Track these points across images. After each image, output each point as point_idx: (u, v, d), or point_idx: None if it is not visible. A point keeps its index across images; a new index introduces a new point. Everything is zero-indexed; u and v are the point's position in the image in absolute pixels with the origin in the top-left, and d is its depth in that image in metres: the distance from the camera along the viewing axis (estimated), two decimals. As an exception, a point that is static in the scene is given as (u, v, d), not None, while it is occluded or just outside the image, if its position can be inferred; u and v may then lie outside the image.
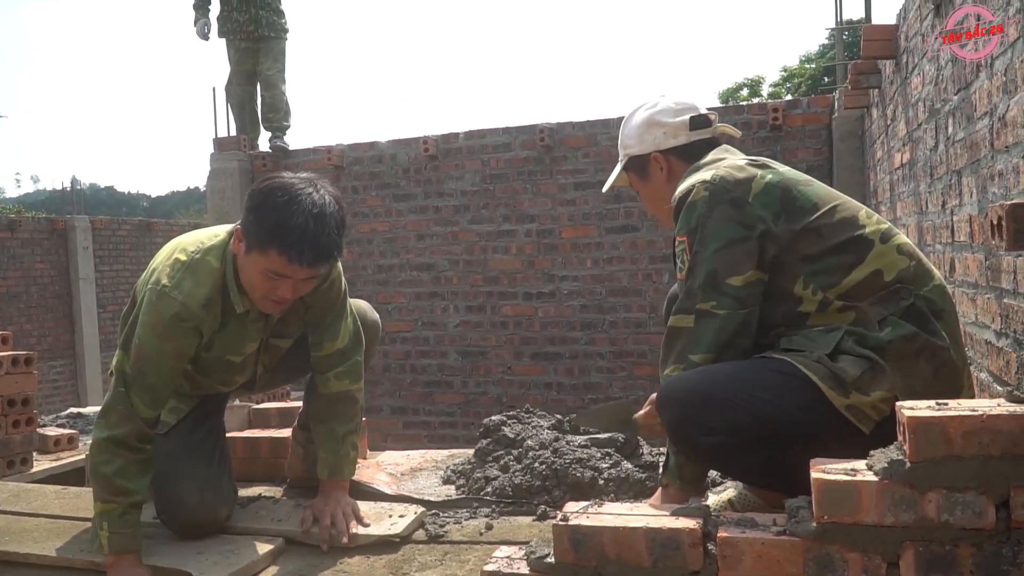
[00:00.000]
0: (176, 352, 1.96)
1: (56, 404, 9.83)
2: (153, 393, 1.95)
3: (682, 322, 1.72)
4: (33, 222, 10.78)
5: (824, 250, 1.64)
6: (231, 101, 7.24)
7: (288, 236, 1.81)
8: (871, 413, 1.55)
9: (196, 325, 1.95)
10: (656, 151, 1.98)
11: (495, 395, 6.24)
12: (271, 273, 1.87)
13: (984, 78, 2.08)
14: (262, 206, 1.85)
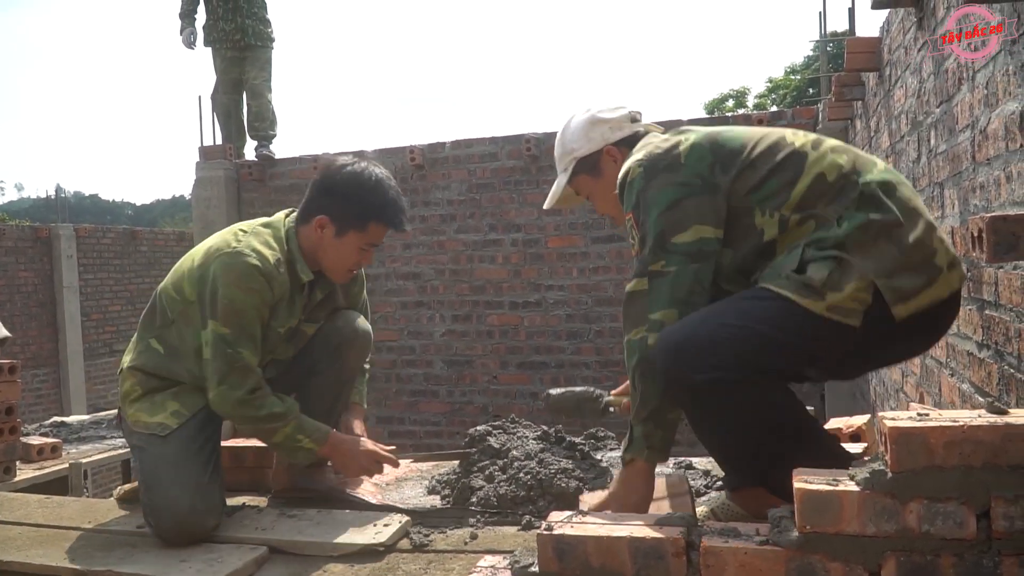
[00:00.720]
0: (261, 303, 2.14)
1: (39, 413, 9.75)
2: (255, 343, 2.15)
3: (637, 286, 1.75)
4: (17, 230, 10.70)
5: (763, 176, 1.70)
6: (217, 110, 7.23)
7: (388, 208, 2.19)
8: (853, 305, 1.56)
9: (269, 281, 2.14)
10: (607, 144, 2.04)
11: (481, 404, 6.23)
12: (367, 246, 2.22)
13: (966, 91, 2.11)
14: (359, 191, 2.18)
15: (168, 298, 2.25)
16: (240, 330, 2.11)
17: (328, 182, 2.21)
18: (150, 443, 2.14)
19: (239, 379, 2.12)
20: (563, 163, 2.10)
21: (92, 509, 2.43)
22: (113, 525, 2.24)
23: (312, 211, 2.22)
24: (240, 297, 2.10)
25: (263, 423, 2.16)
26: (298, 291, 2.26)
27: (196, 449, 2.16)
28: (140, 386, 2.24)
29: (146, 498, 2.09)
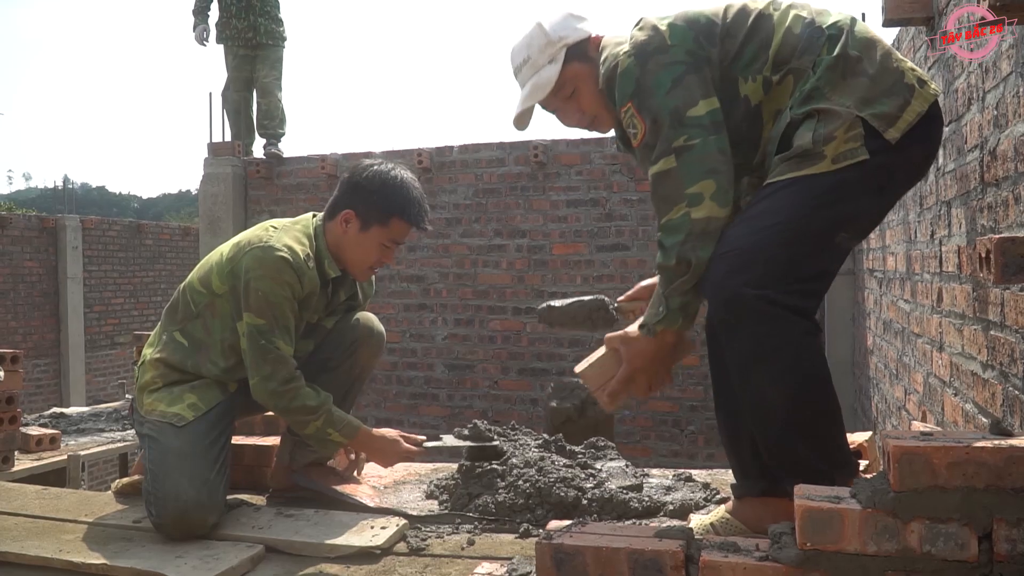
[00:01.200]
0: (293, 295, 2.20)
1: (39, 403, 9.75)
2: (289, 335, 2.21)
3: (665, 166, 1.74)
4: (23, 220, 10.72)
5: (740, 44, 1.76)
6: (227, 107, 7.24)
7: (411, 207, 2.26)
8: (852, 144, 1.63)
9: (300, 274, 2.19)
10: (593, 34, 1.97)
11: (480, 409, 6.23)
12: (389, 242, 2.29)
13: (975, 111, 2.10)
14: (384, 187, 2.25)
15: (193, 292, 2.30)
16: (274, 321, 2.17)
17: (356, 178, 2.29)
18: (164, 432, 2.15)
19: (272, 370, 2.17)
20: (548, 53, 1.94)
21: (89, 502, 2.42)
22: (110, 518, 2.24)
23: (339, 207, 2.29)
24: (273, 289, 2.16)
25: (295, 415, 2.21)
26: (325, 287, 2.33)
27: (208, 444, 2.17)
28: (161, 378, 2.26)
29: (151, 487, 2.09)
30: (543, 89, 1.95)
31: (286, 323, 2.19)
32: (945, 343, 2.45)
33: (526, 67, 1.96)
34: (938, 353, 2.57)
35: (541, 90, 1.95)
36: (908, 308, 3.17)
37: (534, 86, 1.94)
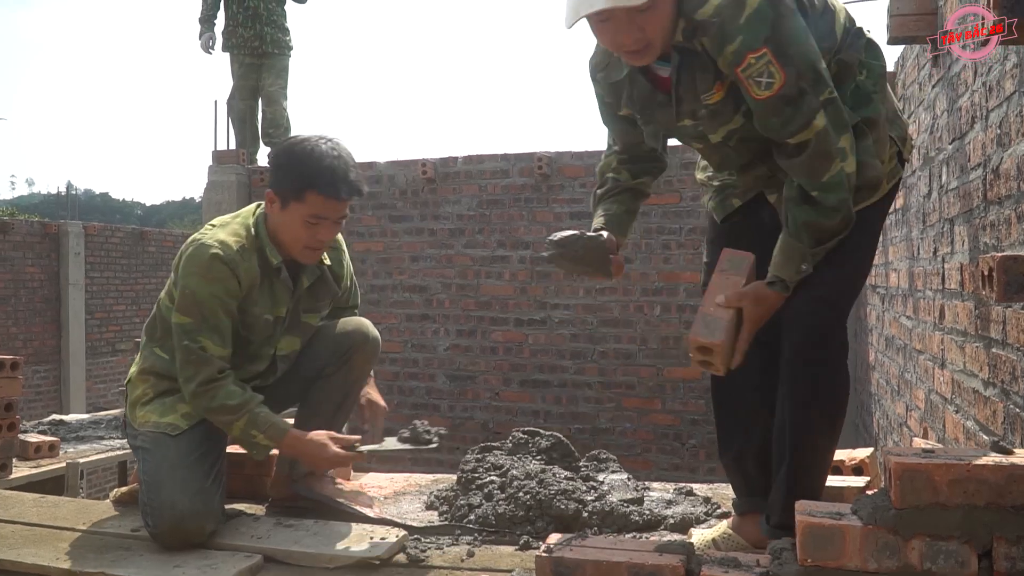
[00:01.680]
0: (225, 292, 2.13)
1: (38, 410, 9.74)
2: (220, 333, 2.13)
3: (821, 120, 1.65)
4: (26, 225, 10.73)
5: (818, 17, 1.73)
6: (232, 115, 7.27)
7: (322, 177, 2.08)
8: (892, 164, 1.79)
9: (233, 269, 2.12)
10: None
11: (481, 421, 6.22)
12: (311, 218, 2.11)
13: (979, 129, 2.11)
14: (291, 160, 2.13)
15: (164, 306, 2.29)
16: (201, 320, 2.11)
17: (272, 156, 2.26)
18: (158, 442, 2.14)
19: (193, 370, 2.12)
20: None
21: (87, 510, 2.42)
22: (108, 527, 2.24)
23: (271, 183, 2.21)
24: (201, 286, 2.11)
25: (217, 415, 2.13)
26: (274, 277, 2.23)
27: (202, 453, 2.16)
28: (152, 389, 2.26)
29: (147, 497, 2.09)
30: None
31: (215, 322, 2.13)
32: (947, 360, 2.45)
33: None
34: (940, 370, 2.57)
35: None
36: (910, 325, 3.17)
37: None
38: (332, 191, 2.09)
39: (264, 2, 6.91)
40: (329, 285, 2.39)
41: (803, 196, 1.69)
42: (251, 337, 2.26)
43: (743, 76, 1.63)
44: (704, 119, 1.78)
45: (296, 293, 2.30)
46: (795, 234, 1.70)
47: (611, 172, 2.06)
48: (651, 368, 5.70)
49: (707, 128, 1.80)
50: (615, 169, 2.06)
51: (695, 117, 1.78)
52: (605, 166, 2.08)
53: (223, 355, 2.14)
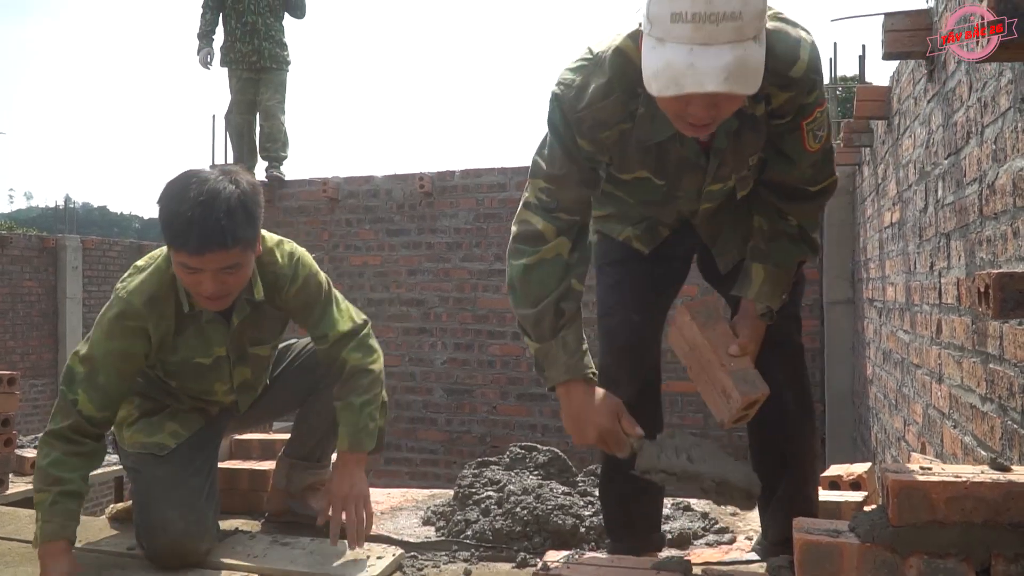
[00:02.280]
0: (123, 352, 1.98)
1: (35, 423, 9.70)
2: (103, 394, 1.98)
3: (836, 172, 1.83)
4: (24, 239, 10.73)
5: None
6: (230, 130, 7.28)
7: (175, 225, 1.83)
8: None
9: (140, 325, 1.97)
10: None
11: (479, 434, 6.20)
12: (185, 268, 1.87)
13: (974, 145, 2.12)
14: (160, 199, 1.88)
15: None
16: (91, 376, 1.96)
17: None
18: (146, 463, 2.12)
19: (52, 421, 1.98)
20: (757, 26, 1.39)
21: (83, 527, 2.39)
22: (104, 545, 2.22)
23: None
24: (101, 344, 1.98)
25: (37, 474, 1.95)
26: (198, 319, 2.05)
27: (193, 471, 2.14)
28: (137, 409, 2.21)
29: (139, 519, 2.07)
30: (753, 78, 1.41)
31: (101, 381, 1.96)
32: (944, 375, 2.45)
33: (729, 24, 1.35)
34: (937, 385, 2.57)
35: (751, 79, 1.41)
36: (907, 339, 3.17)
37: (742, 67, 1.37)
38: (181, 244, 1.83)
39: (262, 17, 6.94)
40: (268, 316, 2.16)
41: (802, 235, 1.79)
42: (186, 383, 2.17)
43: (806, 128, 1.66)
44: (741, 180, 1.80)
45: (231, 332, 2.11)
46: (786, 267, 1.78)
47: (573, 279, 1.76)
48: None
49: (740, 186, 1.82)
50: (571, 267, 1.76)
51: (726, 179, 1.77)
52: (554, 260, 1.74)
53: (91, 415, 1.97)
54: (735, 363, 1.72)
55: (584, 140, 1.67)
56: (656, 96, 1.44)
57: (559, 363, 1.74)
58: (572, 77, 1.66)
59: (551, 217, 1.74)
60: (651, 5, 1.39)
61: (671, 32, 1.36)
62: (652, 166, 1.74)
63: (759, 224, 1.81)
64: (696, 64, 1.34)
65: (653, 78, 1.41)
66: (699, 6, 1.33)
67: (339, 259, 6.67)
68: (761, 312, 1.78)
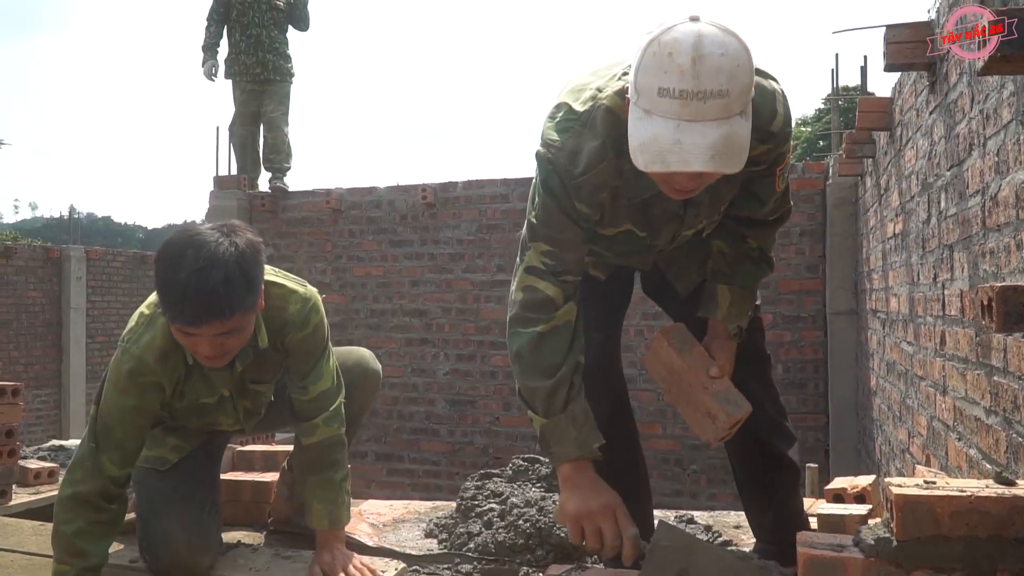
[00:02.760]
0: (138, 407, 1.94)
1: (38, 434, 9.72)
2: (122, 451, 1.94)
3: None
4: (29, 250, 10.77)
5: None
6: (234, 141, 7.31)
7: (169, 295, 1.74)
8: None
9: (154, 380, 1.93)
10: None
11: (481, 445, 6.19)
12: (180, 332, 1.79)
13: (977, 156, 2.12)
14: (156, 264, 1.79)
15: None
16: (108, 433, 1.94)
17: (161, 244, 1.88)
18: (148, 477, 2.12)
19: (79, 477, 1.92)
20: (743, 101, 1.40)
21: (86, 538, 2.40)
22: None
23: None
24: (115, 399, 1.94)
25: (56, 541, 1.91)
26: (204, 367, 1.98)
27: (195, 485, 2.14)
28: None
29: (142, 533, 2.07)
30: (739, 156, 1.40)
31: (118, 437, 1.93)
32: (948, 387, 2.45)
33: (716, 101, 1.36)
34: (941, 397, 2.56)
35: (737, 156, 1.40)
36: (911, 350, 3.16)
37: (729, 145, 1.37)
38: (175, 316, 1.75)
39: (266, 29, 6.97)
40: (270, 359, 2.10)
41: (762, 256, 1.89)
42: (191, 419, 2.15)
43: (779, 173, 1.74)
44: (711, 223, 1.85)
45: (235, 377, 2.08)
46: (751, 287, 1.89)
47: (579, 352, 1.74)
48: (651, 393, 5.67)
49: (709, 227, 1.87)
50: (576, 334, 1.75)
51: (698, 224, 1.82)
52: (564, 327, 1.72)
53: (114, 475, 1.93)
54: (716, 384, 1.76)
55: (583, 204, 1.66)
56: (642, 169, 1.44)
57: (568, 439, 1.69)
58: (560, 140, 1.63)
59: (559, 281, 1.71)
60: (639, 76, 1.39)
61: (658, 106, 1.36)
62: (638, 220, 1.75)
63: (719, 248, 1.88)
64: (683, 141, 1.34)
65: (639, 151, 1.40)
66: (687, 83, 1.33)
67: (342, 270, 6.68)
68: (732, 332, 1.85)
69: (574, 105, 1.63)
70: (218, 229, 1.82)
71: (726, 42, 1.36)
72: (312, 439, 2.12)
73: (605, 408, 1.90)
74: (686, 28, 1.37)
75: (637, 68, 1.40)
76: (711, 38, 1.35)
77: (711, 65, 1.34)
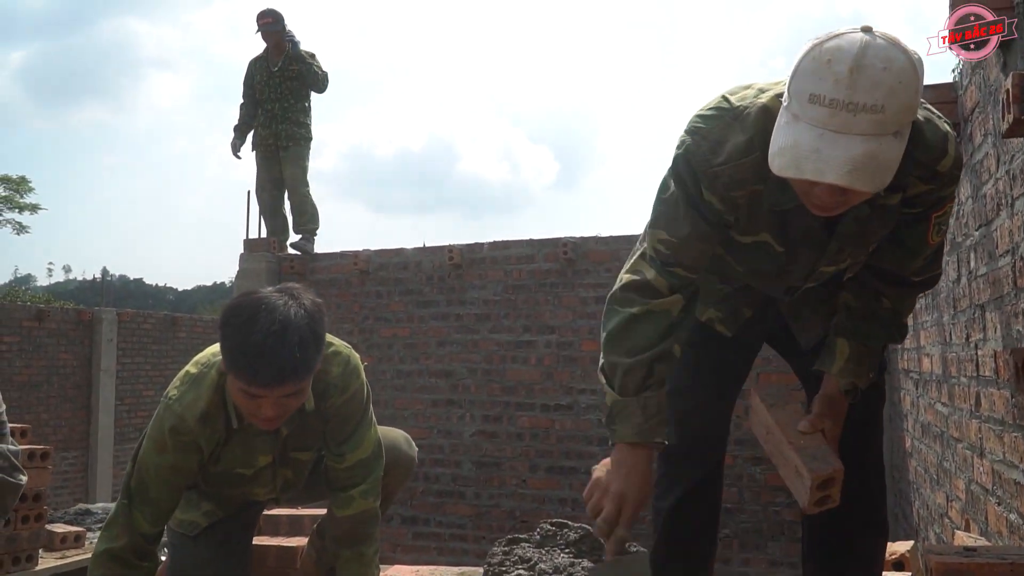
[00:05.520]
0: (174, 466, 1.94)
1: (64, 497, 9.74)
2: (155, 508, 1.94)
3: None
4: (61, 313, 10.95)
5: None
6: (261, 206, 7.48)
7: (244, 357, 1.74)
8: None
9: (193, 440, 1.93)
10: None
11: (508, 508, 6.11)
12: (245, 394, 1.81)
13: (1005, 216, 2.11)
14: (225, 326, 1.80)
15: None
16: (143, 490, 1.94)
17: (222, 310, 1.91)
18: (181, 541, 2.13)
19: (115, 534, 1.93)
20: (902, 120, 1.32)
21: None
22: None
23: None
24: (152, 457, 1.94)
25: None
26: (247, 431, 2.00)
27: (226, 551, 2.13)
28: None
29: None
30: (882, 176, 1.32)
31: (153, 495, 1.93)
32: (985, 449, 2.39)
33: (869, 116, 1.28)
34: (979, 459, 2.50)
35: (879, 177, 1.32)
36: (946, 412, 3.10)
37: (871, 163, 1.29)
38: (250, 378, 1.75)
39: (280, 103, 7.19)
40: (314, 426, 2.09)
41: (893, 319, 1.72)
42: (224, 489, 2.13)
43: (934, 220, 1.59)
44: (854, 265, 1.72)
45: (279, 438, 2.06)
46: (874, 347, 1.71)
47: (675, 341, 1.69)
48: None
49: (851, 270, 1.74)
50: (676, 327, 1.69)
51: (841, 263, 1.70)
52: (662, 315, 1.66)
53: (147, 532, 1.94)
54: (805, 440, 1.63)
55: (715, 196, 1.56)
56: (775, 172, 1.38)
57: (632, 423, 1.63)
58: (706, 127, 1.56)
59: (666, 272, 1.64)
60: (794, 80, 1.34)
61: (806, 112, 1.30)
62: (776, 231, 1.65)
63: (847, 301, 1.72)
64: (822, 151, 1.28)
65: (777, 154, 1.35)
66: (840, 92, 1.27)
67: (369, 331, 6.71)
68: (844, 388, 1.68)
69: (731, 98, 1.57)
70: (282, 292, 1.84)
71: (892, 57, 1.29)
72: (347, 512, 2.09)
73: (698, 472, 1.89)
74: (853, 37, 1.31)
75: (794, 72, 1.34)
76: (877, 50, 1.28)
77: (869, 77, 1.26)
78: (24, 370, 9.96)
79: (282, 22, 7.16)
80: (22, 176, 22.43)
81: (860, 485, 1.69)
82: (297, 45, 7.14)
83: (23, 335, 10.02)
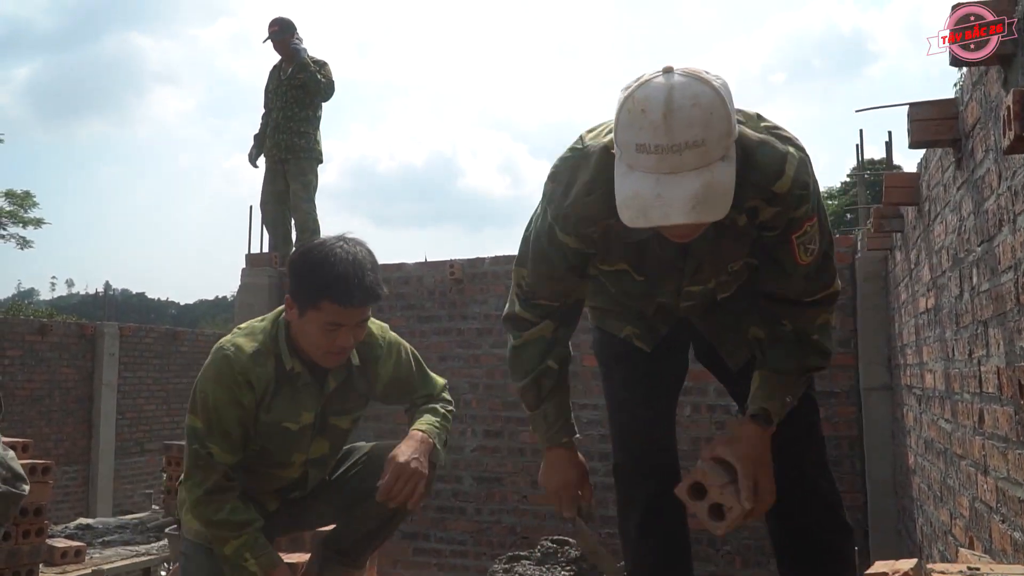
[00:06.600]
0: (235, 400, 2.09)
1: (64, 511, 9.70)
2: (229, 439, 2.09)
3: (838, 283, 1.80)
4: (63, 327, 10.95)
5: None
6: (265, 220, 7.46)
7: (336, 284, 2.00)
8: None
9: (247, 377, 2.09)
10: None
11: (509, 525, 6.08)
12: (329, 325, 2.04)
13: (1007, 232, 2.10)
14: (303, 268, 2.06)
15: None
16: (211, 425, 2.08)
17: (289, 261, 2.18)
18: (197, 553, 2.15)
19: (201, 476, 2.08)
20: (724, 144, 1.39)
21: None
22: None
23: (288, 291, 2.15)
24: (212, 390, 2.09)
25: (218, 528, 2.07)
26: (296, 382, 2.16)
27: None
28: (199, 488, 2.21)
29: None
30: (724, 201, 1.39)
31: (225, 427, 2.08)
32: (989, 466, 2.38)
33: (692, 152, 1.35)
34: (983, 476, 2.49)
35: (720, 204, 1.38)
36: (949, 428, 3.09)
37: (710, 193, 1.35)
38: (346, 299, 2.01)
39: (284, 111, 7.16)
40: (358, 386, 2.28)
41: (799, 339, 1.76)
42: (269, 446, 2.19)
43: (796, 242, 1.65)
44: (722, 284, 1.81)
45: (323, 396, 2.21)
46: (785, 373, 1.76)
47: (551, 359, 1.92)
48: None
49: (720, 289, 1.84)
50: (553, 344, 1.91)
51: (705, 282, 1.79)
52: (537, 341, 1.88)
53: (230, 462, 2.09)
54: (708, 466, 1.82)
55: (568, 236, 1.69)
56: (628, 225, 1.44)
57: (541, 431, 2.02)
58: (559, 170, 1.68)
59: (529, 305, 1.85)
60: (618, 133, 1.42)
61: (639, 162, 1.38)
62: (632, 261, 1.76)
63: (755, 333, 1.83)
64: (663, 194, 1.35)
65: (624, 207, 1.41)
66: (660, 138, 1.34)
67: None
68: (752, 412, 1.76)
69: (585, 138, 1.67)
70: (336, 238, 2.11)
71: (698, 92, 1.36)
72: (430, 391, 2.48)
73: (651, 486, 1.93)
74: (657, 82, 1.38)
75: (616, 125, 1.43)
76: (683, 89, 1.36)
77: (683, 118, 1.34)
78: (26, 384, 9.95)
79: (289, 30, 7.15)
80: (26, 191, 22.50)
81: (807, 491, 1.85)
82: (302, 53, 7.14)
83: (26, 349, 10.02)
